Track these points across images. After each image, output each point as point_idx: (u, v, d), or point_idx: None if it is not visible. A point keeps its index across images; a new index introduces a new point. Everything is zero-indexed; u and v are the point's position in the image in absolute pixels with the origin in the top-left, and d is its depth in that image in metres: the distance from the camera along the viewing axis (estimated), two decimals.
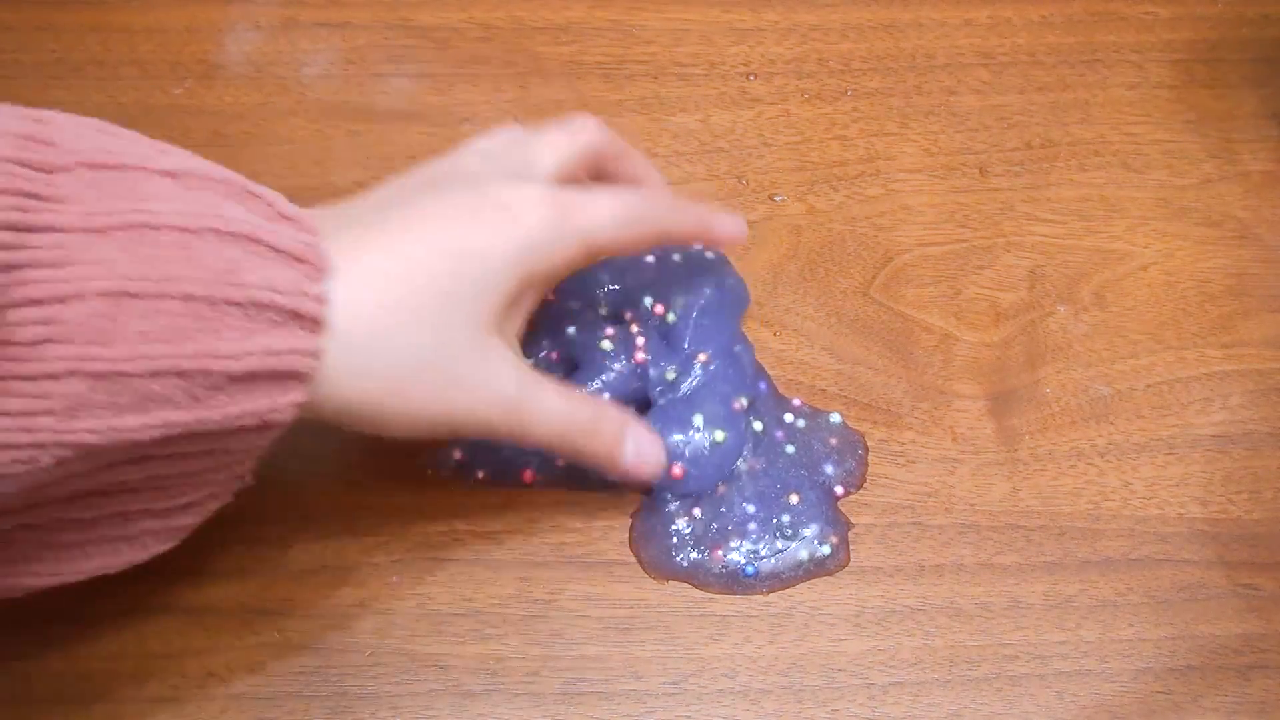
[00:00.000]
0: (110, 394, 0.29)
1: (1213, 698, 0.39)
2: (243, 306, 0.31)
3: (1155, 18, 0.55)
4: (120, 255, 0.29)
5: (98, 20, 0.52)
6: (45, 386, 0.29)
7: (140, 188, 0.31)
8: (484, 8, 0.53)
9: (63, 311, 0.29)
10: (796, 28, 0.54)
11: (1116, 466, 0.44)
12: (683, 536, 0.41)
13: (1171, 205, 0.50)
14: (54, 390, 0.29)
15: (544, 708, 0.38)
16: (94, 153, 0.31)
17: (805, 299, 0.47)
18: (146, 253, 0.30)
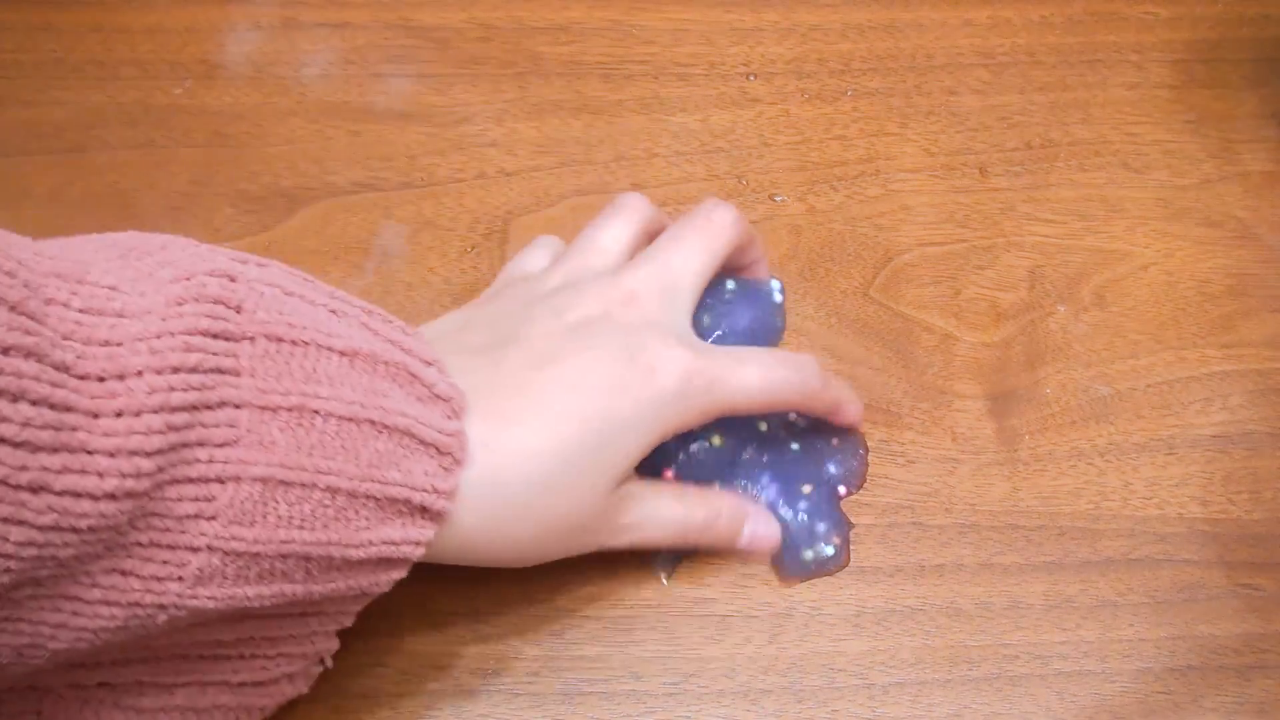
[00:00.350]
0: (239, 569, 0.30)
1: (1213, 698, 0.39)
2: (380, 503, 0.32)
3: (1155, 18, 0.55)
4: (283, 440, 0.30)
5: (98, 20, 0.52)
6: (183, 556, 0.29)
7: (315, 367, 0.31)
8: (484, 8, 0.53)
9: (218, 491, 0.29)
10: (796, 28, 0.54)
11: (1116, 466, 0.44)
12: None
13: (1171, 205, 0.50)
14: (190, 560, 0.29)
15: (544, 708, 0.38)
16: (277, 324, 0.31)
17: (805, 299, 0.47)
18: (307, 441, 0.30)
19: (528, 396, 0.35)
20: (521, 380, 0.36)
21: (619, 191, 0.48)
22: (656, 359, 0.36)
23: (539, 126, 0.50)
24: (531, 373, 0.36)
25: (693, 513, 0.39)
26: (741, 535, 0.40)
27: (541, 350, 0.36)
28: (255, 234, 0.47)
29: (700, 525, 0.39)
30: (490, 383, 0.35)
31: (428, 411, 0.33)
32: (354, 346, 0.32)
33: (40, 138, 0.49)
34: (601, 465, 0.36)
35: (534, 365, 0.36)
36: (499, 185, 0.49)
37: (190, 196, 0.48)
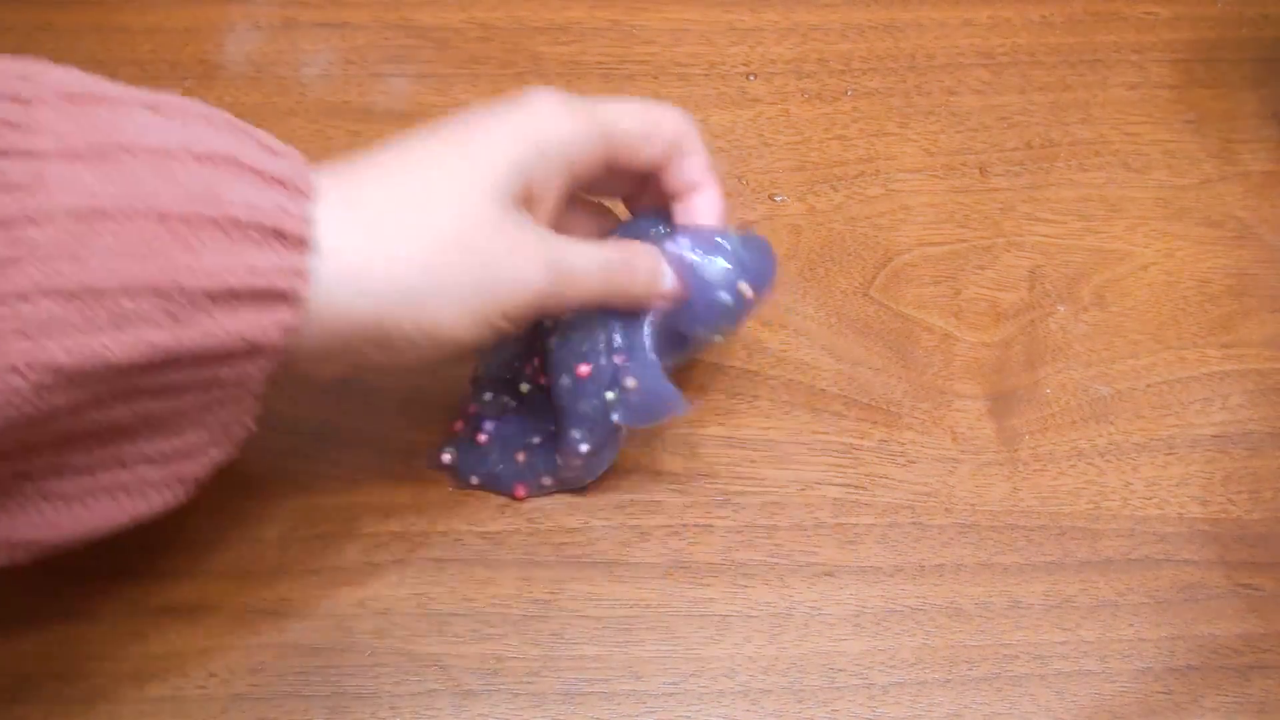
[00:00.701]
0: (84, 313, 0.29)
1: (1213, 698, 0.39)
2: (220, 224, 0.30)
3: (1155, 18, 0.55)
4: (92, 176, 0.29)
5: (98, 20, 0.52)
6: (16, 307, 0.28)
7: (119, 117, 0.30)
8: (484, 8, 0.53)
9: (32, 231, 0.28)
10: (796, 28, 0.54)
11: (1116, 466, 0.44)
12: None
13: (1171, 205, 0.50)
14: (24, 311, 0.28)
15: (544, 708, 0.38)
16: (73, 84, 0.30)
17: (805, 299, 0.47)
18: (120, 173, 0.29)
19: (363, 160, 0.35)
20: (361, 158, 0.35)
21: None
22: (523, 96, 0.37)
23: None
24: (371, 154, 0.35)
25: (611, 256, 0.37)
26: (666, 278, 0.38)
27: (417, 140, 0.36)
28: None
29: (621, 268, 0.37)
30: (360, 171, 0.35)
31: (259, 154, 0.32)
32: (167, 100, 0.31)
33: None
34: (469, 176, 0.34)
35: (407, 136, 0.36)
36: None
37: None
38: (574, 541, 0.41)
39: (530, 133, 0.36)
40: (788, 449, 0.43)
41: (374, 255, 0.33)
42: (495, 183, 0.34)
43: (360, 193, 0.34)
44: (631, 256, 0.38)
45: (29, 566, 0.32)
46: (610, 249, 0.38)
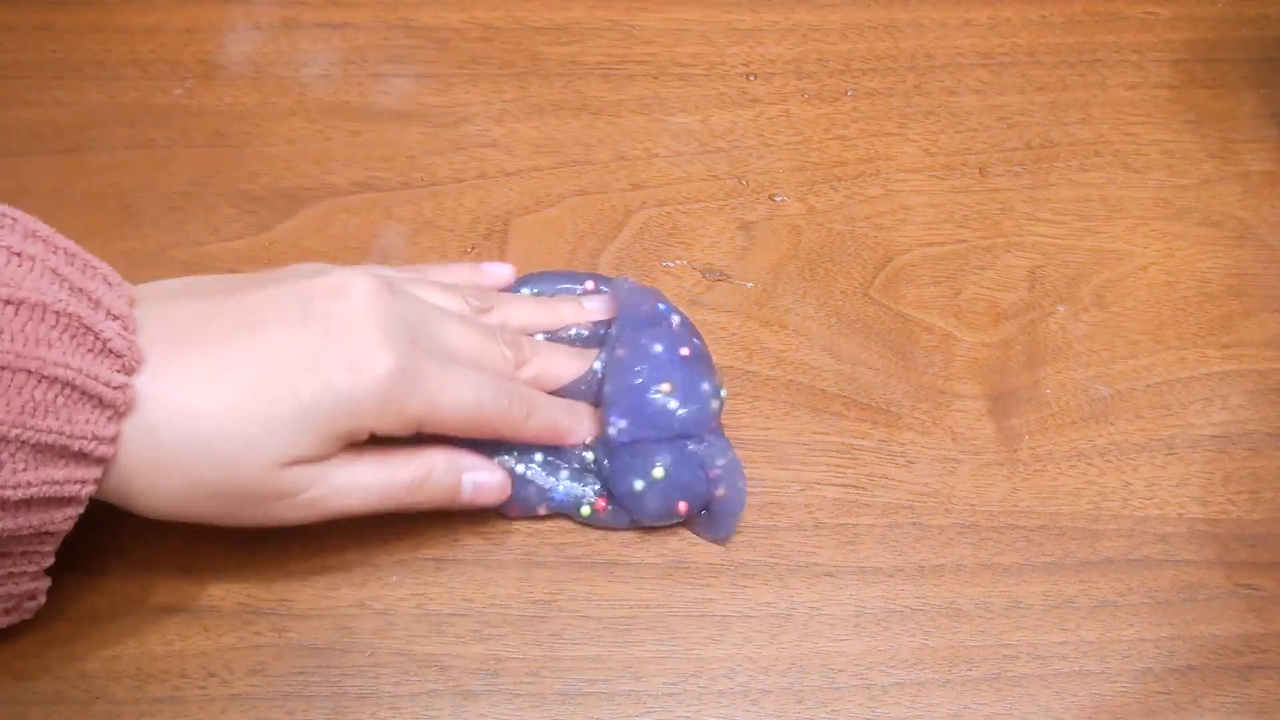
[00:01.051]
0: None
1: (1213, 698, 0.39)
2: (34, 446, 0.32)
3: (1155, 18, 0.55)
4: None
5: (98, 20, 0.52)
6: None
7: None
8: (484, 8, 0.53)
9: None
10: (796, 28, 0.54)
11: (1116, 466, 0.44)
12: None
13: (1171, 205, 0.50)
14: None
15: (544, 708, 0.38)
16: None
17: (805, 299, 0.47)
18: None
19: (214, 358, 0.35)
20: (218, 342, 0.35)
21: (619, 191, 0.49)
22: (363, 355, 0.36)
23: (539, 126, 0.50)
24: (229, 336, 0.35)
25: (397, 474, 0.38)
26: (463, 488, 0.39)
27: (251, 314, 0.36)
28: (255, 234, 0.47)
29: (408, 485, 0.38)
30: (186, 337, 0.35)
31: (95, 364, 0.33)
32: (20, 296, 0.32)
33: (40, 138, 0.49)
34: (270, 444, 0.35)
35: (235, 329, 0.36)
36: (499, 185, 0.49)
37: (190, 196, 0.48)
38: (574, 541, 0.41)
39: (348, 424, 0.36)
40: (788, 449, 0.43)
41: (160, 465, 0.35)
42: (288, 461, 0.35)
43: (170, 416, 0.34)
44: (425, 476, 0.38)
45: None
46: (401, 467, 0.38)
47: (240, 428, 0.35)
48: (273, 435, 0.35)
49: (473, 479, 0.39)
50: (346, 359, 0.35)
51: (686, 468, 0.40)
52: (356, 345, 0.36)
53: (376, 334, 0.36)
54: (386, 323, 0.36)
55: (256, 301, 0.37)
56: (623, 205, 0.49)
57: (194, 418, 0.35)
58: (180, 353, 0.35)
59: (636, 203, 0.49)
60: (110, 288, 0.35)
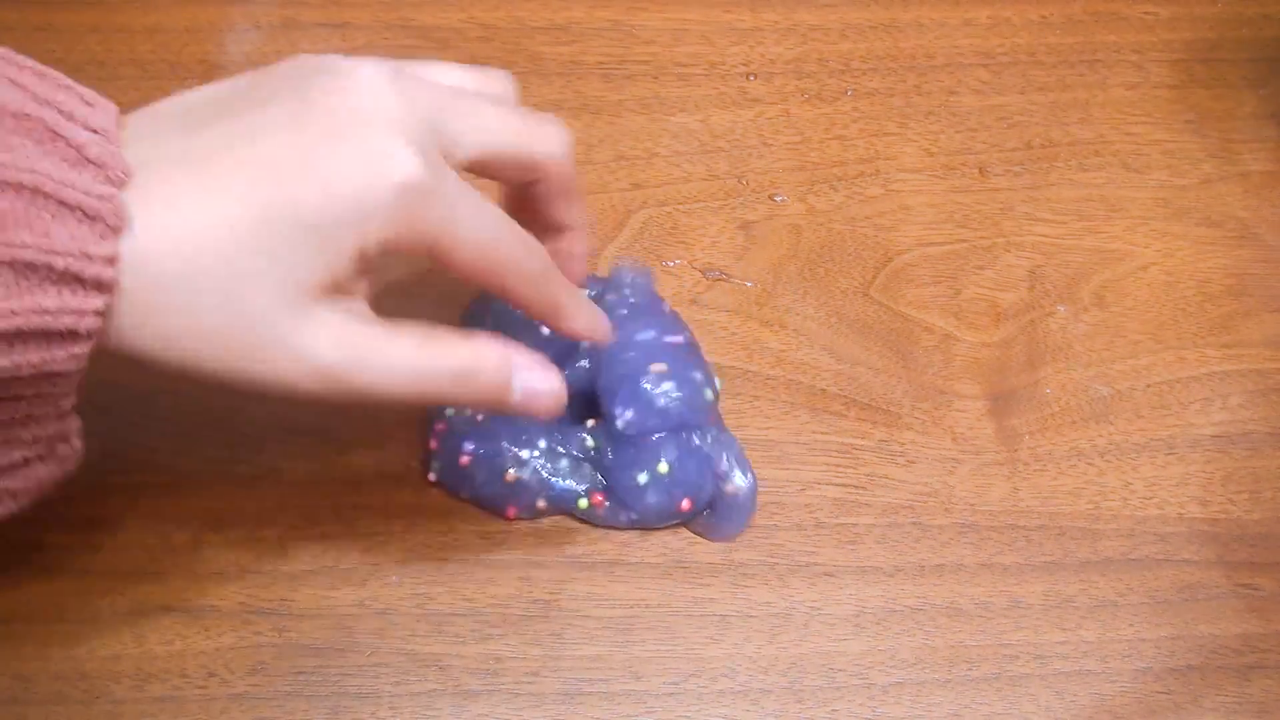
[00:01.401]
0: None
1: (1213, 698, 0.39)
2: (10, 265, 0.28)
3: (1155, 18, 0.55)
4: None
5: (98, 20, 0.52)
6: None
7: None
8: (484, 8, 0.53)
9: None
10: (796, 28, 0.54)
11: (1116, 466, 0.44)
12: None
13: (1171, 205, 0.50)
14: None
15: (544, 708, 0.38)
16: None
17: (805, 299, 0.47)
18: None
19: (207, 174, 0.31)
20: (211, 156, 0.31)
21: (619, 191, 0.49)
22: (373, 153, 0.31)
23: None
24: (222, 150, 0.31)
25: (442, 359, 0.33)
26: (513, 389, 0.34)
27: (245, 123, 0.31)
28: None
29: (453, 375, 0.33)
30: (177, 154, 0.31)
31: (73, 173, 0.29)
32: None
33: None
34: (270, 265, 0.30)
35: (229, 141, 0.31)
36: (499, 185, 0.49)
37: None
38: (574, 541, 0.41)
39: (354, 238, 0.31)
40: (788, 449, 0.43)
41: (165, 307, 0.30)
42: (302, 282, 0.31)
43: (167, 232, 0.30)
44: (474, 364, 0.34)
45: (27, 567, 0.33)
46: (447, 352, 0.34)
47: (235, 247, 0.30)
48: (272, 254, 0.30)
49: (526, 381, 0.34)
50: (352, 158, 0.31)
51: (692, 462, 0.40)
52: (365, 143, 0.31)
53: (387, 130, 0.31)
54: (401, 116, 0.32)
55: (249, 106, 0.32)
56: (623, 205, 0.49)
57: (186, 240, 0.30)
58: (169, 170, 0.31)
59: (636, 203, 0.49)
60: (90, 107, 0.31)
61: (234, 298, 0.30)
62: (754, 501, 0.41)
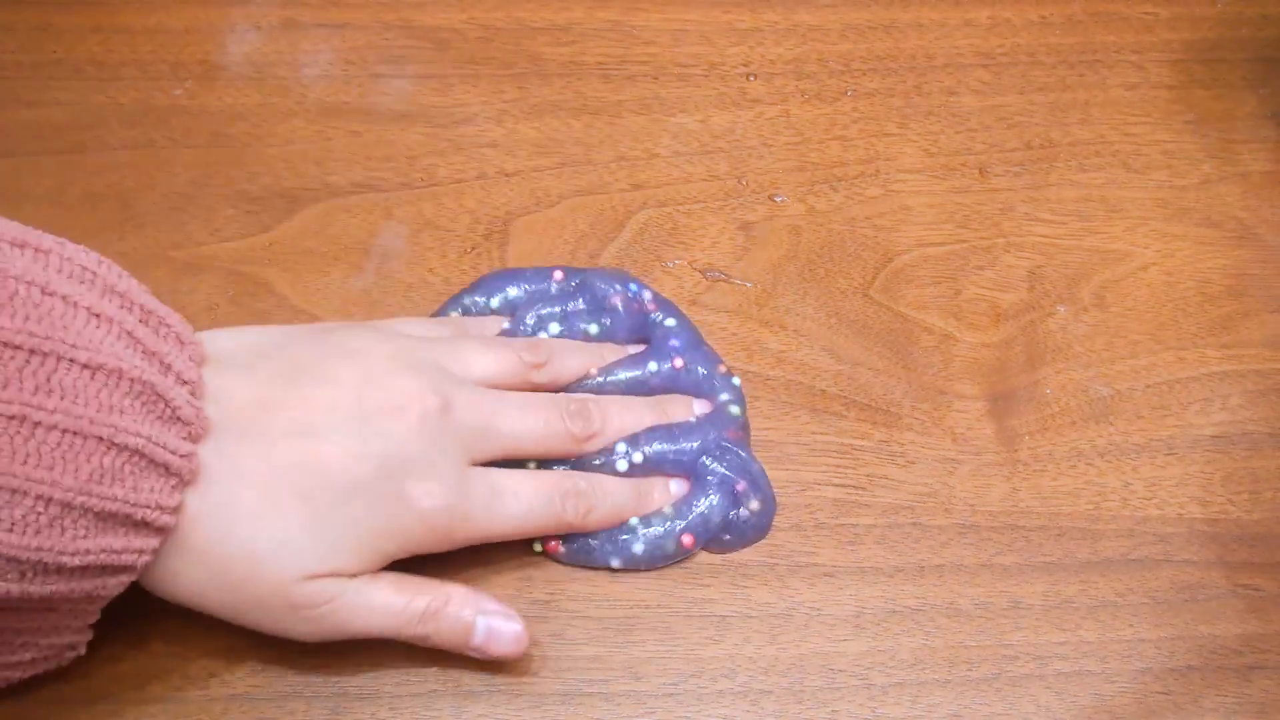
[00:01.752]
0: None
1: (1213, 698, 0.39)
2: (97, 514, 0.32)
3: (1155, 18, 0.55)
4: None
5: (98, 20, 0.52)
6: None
7: (49, 377, 0.31)
8: (484, 8, 0.53)
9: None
10: (796, 28, 0.54)
11: (1116, 466, 0.44)
12: None
13: (1171, 205, 0.50)
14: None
15: (544, 708, 0.38)
16: (15, 332, 0.31)
17: (805, 299, 0.47)
18: (24, 449, 0.31)
19: (268, 459, 0.35)
20: (274, 441, 0.36)
21: (619, 191, 0.49)
22: (414, 486, 0.37)
23: (539, 126, 0.50)
24: (286, 437, 0.36)
25: (413, 601, 0.37)
26: (476, 629, 0.37)
27: (310, 416, 0.36)
28: (255, 234, 0.47)
29: (420, 614, 0.37)
30: (243, 428, 0.36)
31: (164, 432, 0.33)
32: (98, 360, 0.32)
33: (40, 138, 0.49)
34: (310, 553, 0.35)
35: (293, 431, 0.36)
36: (499, 185, 0.49)
37: (190, 196, 0.48)
38: None
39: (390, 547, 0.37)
40: (787, 449, 0.43)
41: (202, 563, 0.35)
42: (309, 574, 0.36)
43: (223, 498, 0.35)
44: (440, 608, 0.37)
45: None
46: (418, 597, 0.37)
47: (283, 532, 0.35)
48: (316, 545, 0.35)
49: (488, 623, 0.38)
50: (398, 487, 0.36)
51: (700, 495, 0.41)
52: (410, 472, 0.36)
53: (428, 460, 0.37)
54: (441, 446, 0.37)
55: (317, 400, 0.37)
56: (623, 205, 0.49)
57: (239, 514, 0.35)
58: (236, 445, 0.35)
59: (636, 203, 0.49)
60: (182, 347, 0.35)
61: (266, 566, 0.35)
62: (768, 524, 0.41)
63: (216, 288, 0.46)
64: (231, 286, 0.46)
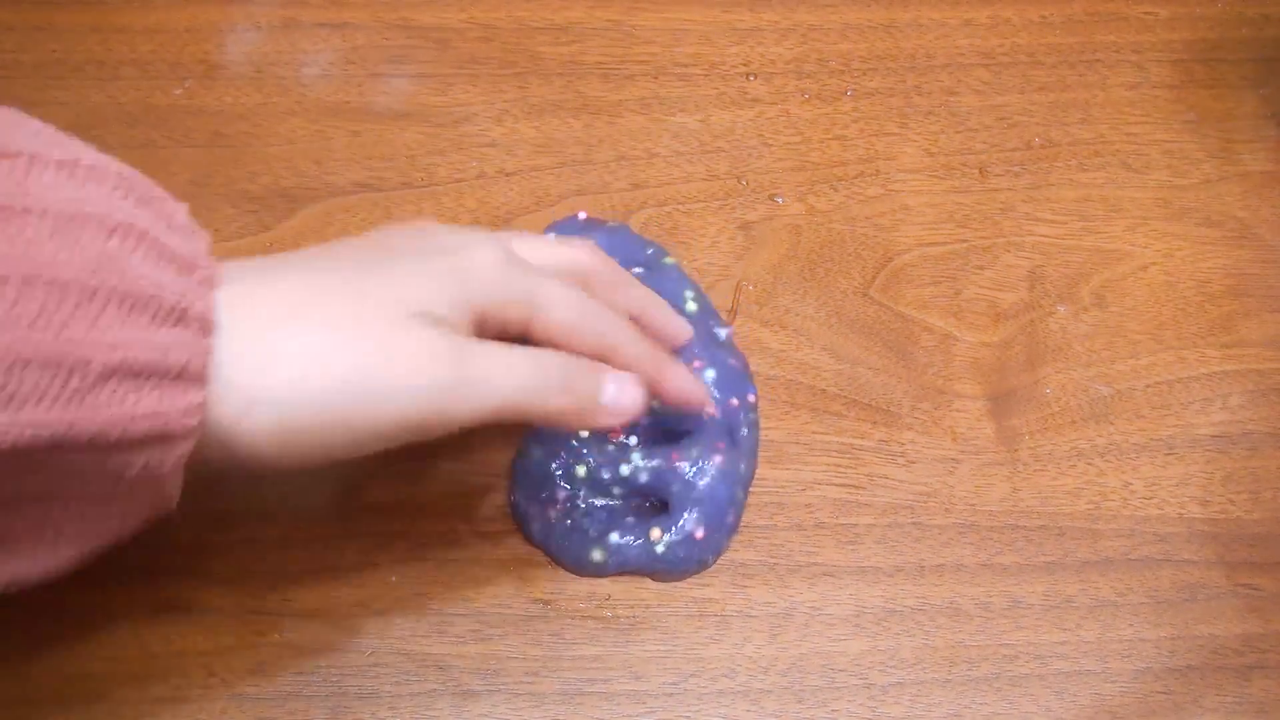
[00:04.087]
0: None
1: (1213, 698, 0.39)
2: (121, 297, 0.28)
3: (1155, 18, 0.55)
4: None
5: (98, 20, 0.52)
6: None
7: (26, 176, 0.29)
8: (484, 8, 0.53)
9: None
10: (796, 28, 0.54)
11: (1116, 466, 0.44)
12: None
13: (1171, 205, 0.50)
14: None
15: (544, 708, 0.38)
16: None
17: (805, 299, 0.47)
18: (18, 235, 0.27)
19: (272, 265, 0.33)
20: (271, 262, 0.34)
21: (619, 191, 0.49)
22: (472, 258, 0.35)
23: (539, 126, 0.50)
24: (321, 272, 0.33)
25: (546, 367, 0.35)
26: (604, 389, 0.36)
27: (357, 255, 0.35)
28: (255, 234, 0.47)
29: (552, 382, 0.34)
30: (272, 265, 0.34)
31: (169, 231, 0.31)
32: (80, 158, 0.30)
33: None
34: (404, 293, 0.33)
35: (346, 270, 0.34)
36: (499, 185, 0.49)
37: (190, 196, 0.47)
38: None
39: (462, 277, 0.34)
40: (787, 449, 0.43)
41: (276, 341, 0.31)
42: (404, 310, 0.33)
43: (264, 284, 0.32)
44: (570, 375, 0.35)
45: None
46: (549, 360, 0.35)
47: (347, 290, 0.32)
48: (407, 286, 0.33)
49: (615, 379, 0.36)
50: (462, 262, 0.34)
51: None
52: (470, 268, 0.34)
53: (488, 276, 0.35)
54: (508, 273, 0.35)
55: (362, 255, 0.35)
56: (623, 205, 0.49)
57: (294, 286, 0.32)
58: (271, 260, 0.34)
59: (636, 203, 0.49)
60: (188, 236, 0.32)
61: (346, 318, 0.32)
62: (711, 553, 0.41)
63: None
64: None
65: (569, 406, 0.35)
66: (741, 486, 0.41)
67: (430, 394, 0.33)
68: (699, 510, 0.40)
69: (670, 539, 0.40)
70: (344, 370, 0.32)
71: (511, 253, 0.36)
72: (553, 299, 0.36)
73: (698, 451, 0.40)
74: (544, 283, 0.36)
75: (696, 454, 0.40)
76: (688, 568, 0.40)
